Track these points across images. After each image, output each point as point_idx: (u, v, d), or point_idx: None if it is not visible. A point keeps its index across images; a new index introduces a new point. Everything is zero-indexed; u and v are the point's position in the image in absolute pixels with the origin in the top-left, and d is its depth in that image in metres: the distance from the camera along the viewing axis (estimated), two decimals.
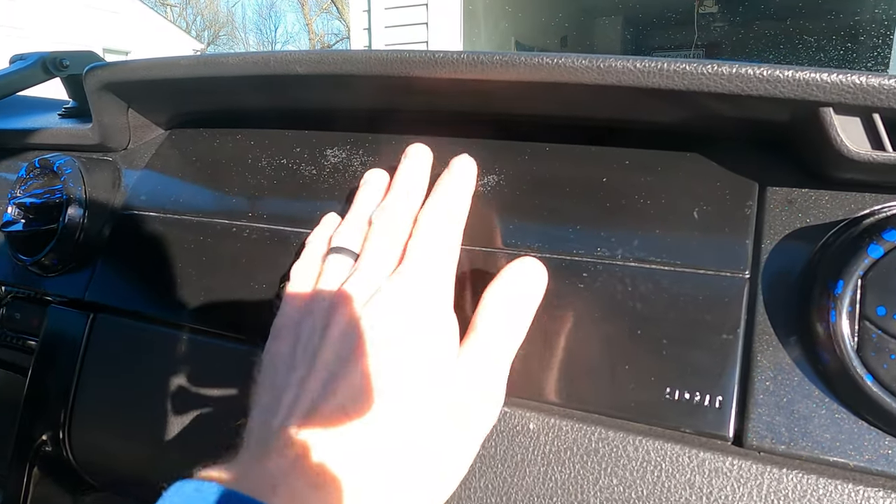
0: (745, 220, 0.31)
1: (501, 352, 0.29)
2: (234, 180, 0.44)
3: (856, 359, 0.25)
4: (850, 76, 0.26)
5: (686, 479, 0.27)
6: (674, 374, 0.29)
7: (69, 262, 0.48)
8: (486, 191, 0.37)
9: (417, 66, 0.33)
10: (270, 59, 0.37)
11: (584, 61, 0.30)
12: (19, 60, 0.58)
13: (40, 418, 0.46)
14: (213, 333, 0.41)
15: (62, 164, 0.48)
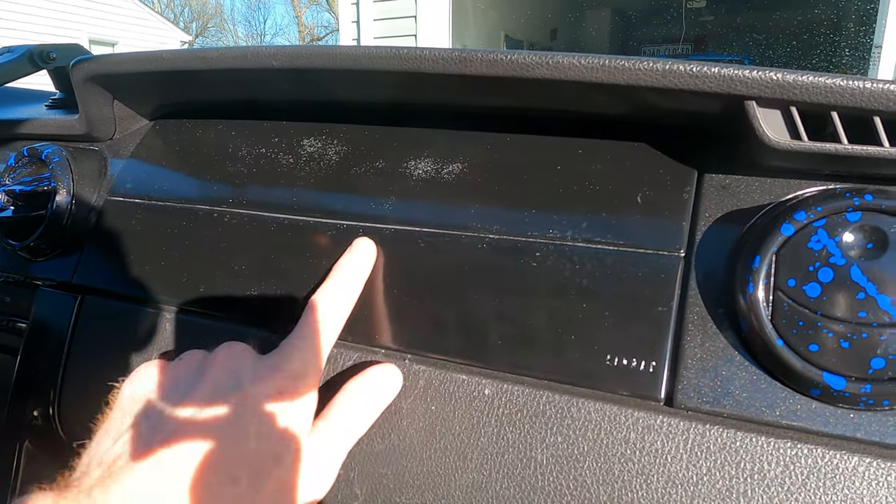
0: (683, 204, 0.34)
1: (348, 439, 0.33)
2: (216, 169, 0.47)
3: (769, 325, 0.28)
4: (770, 73, 0.29)
5: (622, 436, 0.30)
6: (614, 343, 0.32)
7: (57, 246, 0.50)
8: (451, 178, 0.39)
9: (381, 61, 0.36)
10: (248, 54, 0.39)
11: (534, 58, 0.32)
12: (7, 53, 0.59)
13: (31, 396, 0.48)
14: (195, 313, 0.43)
15: (50, 153, 0.50)
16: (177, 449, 0.27)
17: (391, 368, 0.35)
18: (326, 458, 0.32)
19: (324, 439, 0.32)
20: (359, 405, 0.34)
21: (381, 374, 0.34)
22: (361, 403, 0.34)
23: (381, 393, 0.34)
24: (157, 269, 0.45)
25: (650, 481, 0.30)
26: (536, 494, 0.31)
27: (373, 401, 0.34)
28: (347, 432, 0.33)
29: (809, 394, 0.28)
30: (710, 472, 0.29)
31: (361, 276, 0.37)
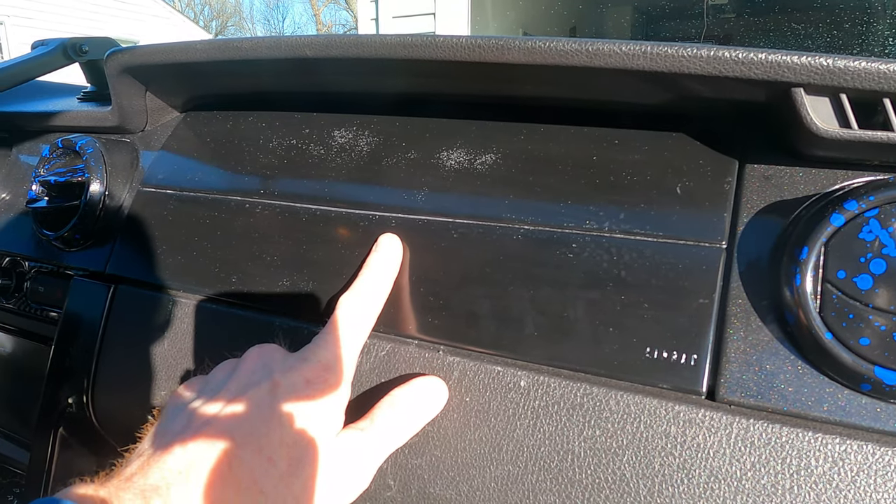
0: (724, 194, 0.33)
1: (386, 443, 0.32)
2: (247, 160, 0.47)
3: (818, 318, 0.27)
4: (819, 58, 0.28)
5: (662, 430, 0.30)
6: (654, 336, 0.31)
7: (90, 237, 0.51)
8: (484, 168, 0.39)
9: (420, 49, 0.35)
10: (282, 43, 0.39)
11: (573, 45, 0.32)
12: (41, 46, 0.60)
13: (65, 384, 0.49)
14: (226, 302, 0.43)
15: (84, 145, 0.51)
16: (214, 432, 0.28)
17: (439, 384, 0.34)
18: (365, 456, 0.31)
19: (364, 438, 0.32)
20: (403, 415, 0.33)
21: (430, 387, 0.34)
22: (406, 414, 0.33)
23: (426, 407, 0.34)
24: (189, 260, 0.45)
25: (692, 476, 0.29)
26: (573, 487, 0.31)
27: (418, 414, 0.33)
28: (388, 438, 0.33)
29: (860, 389, 0.27)
30: (755, 467, 0.28)
31: (391, 274, 0.37)
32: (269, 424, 0.29)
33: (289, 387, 0.31)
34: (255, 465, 0.28)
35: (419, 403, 0.34)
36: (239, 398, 0.30)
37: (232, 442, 0.28)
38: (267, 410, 0.29)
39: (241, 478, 0.27)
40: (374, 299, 0.36)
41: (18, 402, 0.59)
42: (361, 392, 0.37)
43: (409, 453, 0.35)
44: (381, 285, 0.36)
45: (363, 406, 0.34)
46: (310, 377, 0.31)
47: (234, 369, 0.33)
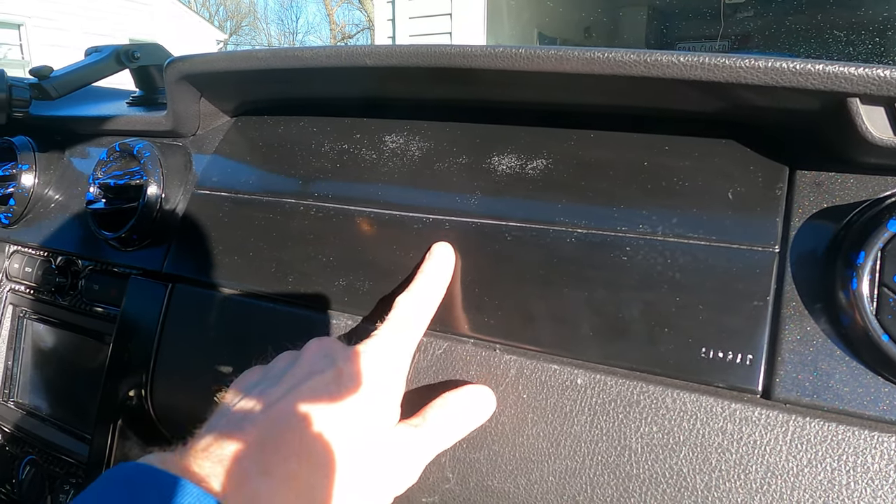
0: (775, 200, 0.34)
1: (436, 442, 0.33)
2: (299, 163, 0.49)
3: (874, 321, 0.29)
4: (876, 70, 0.29)
5: (719, 427, 0.31)
6: (709, 336, 0.32)
7: (147, 237, 0.53)
8: (536, 173, 0.40)
9: (479, 59, 0.37)
10: (342, 53, 0.41)
11: (631, 56, 0.33)
12: (95, 53, 0.62)
13: (125, 378, 0.51)
14: (282, 301, 0.45)
15: (141, 148, 0.53)
16: (285, 412, 0.30)
17: (488, 393, 0.35)
18: (417, 451, 0.33)
19: (417, 434, 0.33)
20: (454, 417, 0.34)
21: (480, 394, 0.35)
22: (457, 417, 0.34)
23: (476, 413, 0.35)
24: (245, 260, 0.47)
25: (748, 471, 0.30)
26: (631, 482, 0.32)
27: (468, 418, 0.35)
28: (438, 437, 0.34)
29: None
30: (811, 464, 0.29)
31: (444, 279, 0.39)
32: (334, 408, 0.31)
33: (351, 375, 0.32)
34: (322, 445, 0.29)
35: (470, 408, 0.35)
36: (304, 383, 0.32)
37: (302, 422, 0.30)
38: (333, 395, 0.31)
39: (310, 454, 0.29)
40: (429, 302, 0.37)
41: (73, 396, 0.61)
42: (417, 388, 0.39)
43: (467, 448, 0.36)
44: (436, 289, 0.38)
45: (418, 403, 0.35)
46: (370, 368, 0.33)
47: (296, 358, 0.34)
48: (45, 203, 0.64)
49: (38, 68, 0.59)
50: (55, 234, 0.61)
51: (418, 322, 0.36)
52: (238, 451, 0.28)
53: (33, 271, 0.62)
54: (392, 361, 0.34)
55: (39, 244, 0.63)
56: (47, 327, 0.63)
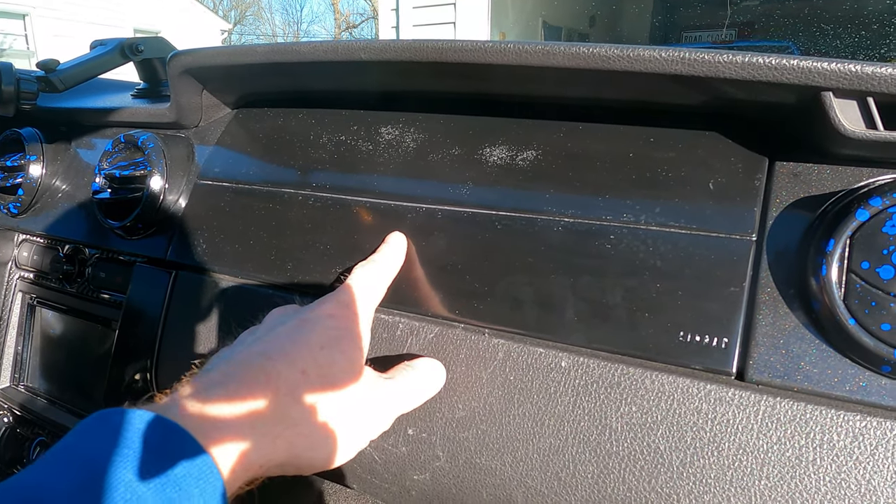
0: (754, 190, 0.35)
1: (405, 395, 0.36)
2: (298, 154, 0.50)
3: (842, 305, 0.30)
4: (848, 65, 0.30)
5: (694, 407, 0.33)
6: (687, 321, 0.34)
7: (151, 226, 0.55)
8: (526, 164, 0.42)
9: (469, 54, 0.38)
10: (338, 47, 0.42)
11: (615, 51, 0.34)
12: (100, 46, 0.64)
13: (131, 362, 0.53)
14: (281, 287, 0.47)
15: (145, 140, 0.55)
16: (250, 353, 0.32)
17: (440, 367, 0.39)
18: (386, 398, 0.35)
19: (386, 384, 0.35)
20: (420, 378, 0.37)
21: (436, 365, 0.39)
22: (423, 378, 0.37)
23: (434, 379, 0.38)
24: (245, 248, 0.49)
25: (721, 449, 0.32)
26: (611, 459, 0.34)
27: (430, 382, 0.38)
28: (407, 393, 0.36)
29: (880, 371, 0.30)
30: (781, 441, 0.31)
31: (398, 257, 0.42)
32: (299, 344, 0.33)
33: (315, 319, 0.34)
34: (289, 376, 0.31)
35: (431, 374, 0.38)
36: (269, 333, 0.34)
37: (266, 358, 0.32)
38: (296, 334, 0.33)
39: (277, 386, 0.31)
40: (384, 272, 0.40)
41: (81, 380, 0.63)
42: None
43: (456, 427, 0.38)
44: (391, 264, 0.41)
45: None
46: (332, 312, 0.35)
47: (259, 325, 0.37)
48: (52, 193, 0.66)
49: (44, 61, 0.61)
50: (62, 223, 0.63)
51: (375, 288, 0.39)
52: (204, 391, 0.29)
53: (42, 259, 0.64)
54: (352, 307, 0.36)
55: (47, 233, 0.65)
56: (56, 314, 0.65)
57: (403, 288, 0.42)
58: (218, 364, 0.32)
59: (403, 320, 0.41)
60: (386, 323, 0.42)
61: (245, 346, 0.34)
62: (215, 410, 0.28)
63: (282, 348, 0.32)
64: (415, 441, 0.39)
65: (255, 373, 0.31)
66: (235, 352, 0.33)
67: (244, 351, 0.33)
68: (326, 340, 0.33)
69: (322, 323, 0.34)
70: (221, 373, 0.31)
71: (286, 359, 0.32)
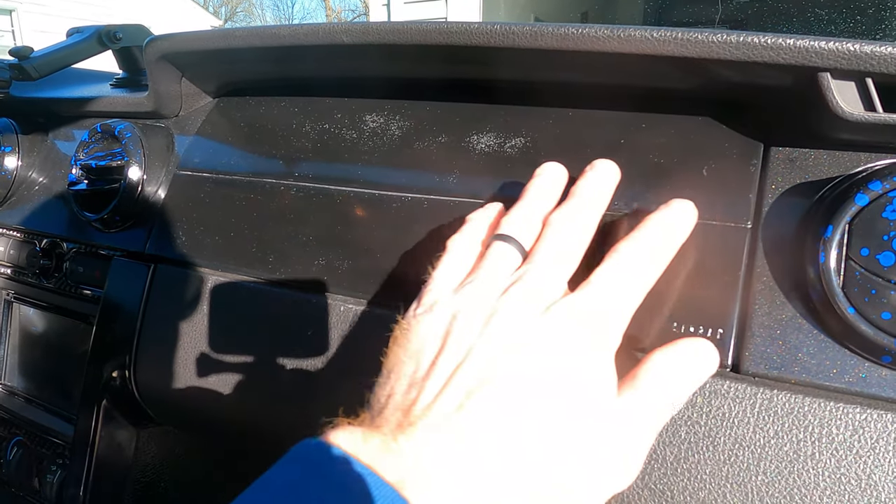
0: (749, 176, 0.34)
1: (657, 421, 0.26)
2: (281, 143, 0.49)
3: (840, 294, 0.29)
4: (846, 44, 0.29)
5: (689, 401, 0.31)
6: (681, 311, 0.33)
7: (129, 218, 0.53)
8: (514, 152, 0.40)
9: (453, 36, 0.37)
10: (319, 30, 0.40)
11: (605, 31, 0.33)
12: (76, 34, 0.62)
13: (109, 359, 0.51)
14: (263, 280, 0.45)
15: (122, 129, 0.53)
16: (475, 406, 0.24)
17: (707, 344, 0.28)
18: (634, 438, 0.26)
19: (632, 416, 0.26)
20: (669, 380, 0.27)
21: (696, 348, 0.28)
22: (673, 379, 0.27)
23: (695, 370, 0.28)
24: (226, 240, 0.47)
25: (717, 443, 0.31)
26: None
27: (686, 378, 0.27)
28: (658, 412, 0.26)
29: (880, 361, 0.29)
30: (778, 435, 0.30)
31: None
32: (539, 394, 0.24)
33: (549, 354, 0.25)
34: (527, 445, 0.24)
35: (690, 376, 0.27)
36: (496, 362, 0.25)
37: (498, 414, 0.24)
38: (528, 382, 0.25)
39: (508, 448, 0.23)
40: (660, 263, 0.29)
41: (59, 378, 0.61)
42: None
43: None
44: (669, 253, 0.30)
45: None
46: (577, 338, 0.26)
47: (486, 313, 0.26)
48: (28, 185, 0.64)
49: (17, 48, 0.59)
50: (39, 217, 0.61)
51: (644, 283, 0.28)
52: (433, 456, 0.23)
53: (18, 254, 0.62)
54: (605, 318, 0.27)
55: (24, 226, 0.63)
56: (33, 310, 0.64)
57: (390, 279, 0.40)
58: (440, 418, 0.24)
59: (388, 313, 0.40)
60: (368, 315, 0.40)
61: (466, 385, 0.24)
62: None
63: (513, 405, 0.24)
64: None
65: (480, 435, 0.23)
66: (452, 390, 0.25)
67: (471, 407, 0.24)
68: (567, 385, 0.25)
69: (559, 360, 0.25)
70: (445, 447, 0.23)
71: (518, 419, 0.24)
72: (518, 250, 0.29)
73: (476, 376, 0.25)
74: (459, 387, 0.25)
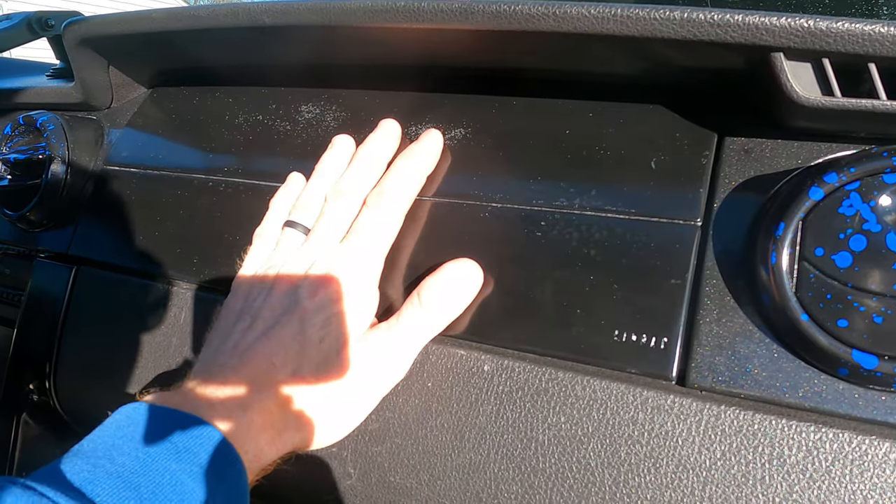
0: (700, 169, 0.31)
1: (415, 337, 0.32)
2: (212, 137, 0.45)
3: (793, 298, 0.26)
4: (800, 20, 0.26)
5: (630, 417, 0.28)
6: (623, 318, 0.29)
7: (53, 217, 0.49)
8: (454, 144, 0.37)
9: (378, 15, 0.33)
10: (238, 11, 0.37)
11: (539, 9, 0.30)
12: (5, 20, 0.58)
13: (27, 369, 0.47)
14: (188, 284, 0.42)
15: (45, 121, 0.49)
16: (253, 356, 0.32)
17: (470, 267, 0.32)
18: (391, 351, 0.32)
19: (389, 336, 0.32)
20: (430, 311, 0.32)
21: (459, 274, 0.32)
22: (433, 310, 0.32)
23: (455, 298, 0.32)
24: (151, 240, 0.44)
25: (659, 465, 0.27)
26: (537, 476, 0.30)
27: (446, 307, 0.32)
28: (415, 333, 0.32)
29: (837, 374, 0.26)
30: (725, 456, 0.26)
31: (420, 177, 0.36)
32: (300, 344, 0.32)
33: (315, 311, 0.32)
34: (291, 384, 0.31)
35: (447, 295, 0.32)
36: (273, 326, 0.32)
37: (273, 361, 0.31)
38: (298, 335, 0.32)
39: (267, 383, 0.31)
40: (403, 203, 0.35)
41: None
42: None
43: (369, 441, 0.33)
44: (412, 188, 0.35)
45: None
46: (333, 296, 0.33)
47: (268, 293, 0.34)
48: None
49: None
50: None
51: (385, 230, 0.34)
52: (222, 392, 0.30)
53: None
54: (354, 276, 0.33)
55: None
56: None
57: None
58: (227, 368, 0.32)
59: None
60: None
61: (249, 344, 0.32)
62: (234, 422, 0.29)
63: (280, 355, 0.32)
64: (324, 456, 0.35)
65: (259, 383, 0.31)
66: (240, 347, 0.32)
67: (249, 354, 0.32)
68: (327, 334, 0.32)
69: (324, 313, 0.32)
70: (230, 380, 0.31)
71: (289, 367, 0.31)
72: (303, 232, 0.36)
73: (254, 337, 0.32)
74: (243, 345, 0.32)
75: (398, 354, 0.32)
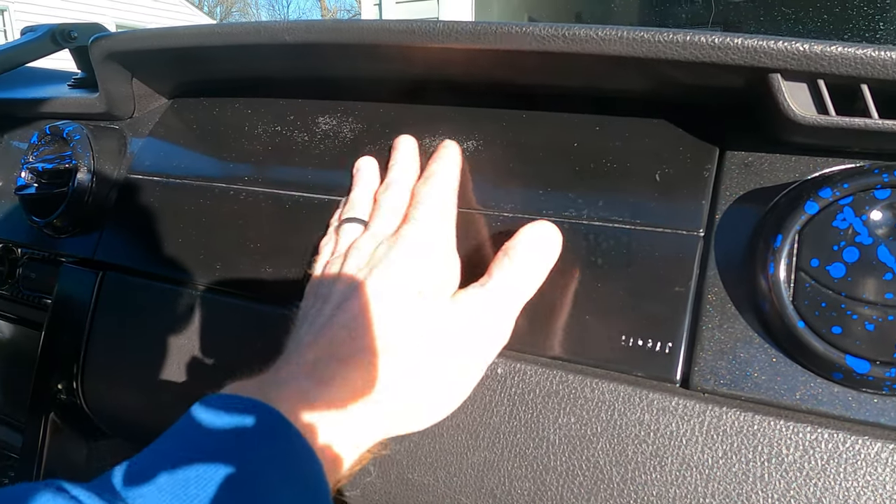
0: (703, 182, 0.33)
1: (510, 296, 0.32)
2: (232, 147, 0.47)
3: (790, 306, 0.27)
4: (796, 43, 0.28)
5: (636, 417, 0.30)
6: (629, 324, 0.31)
7: (79, 223, 0.51)
8: (466, 156, 0.39)
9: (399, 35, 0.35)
10: (261, 29, 0.39)
11: (549, 30, 0.31)
12: (30, 32, 0.60)
13: (55, 370, 0.49)
14: (211, 289, 0.43)
15: (71, 131, 0.51)
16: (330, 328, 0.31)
17: (549, 228, 0.33)
18: (490, 309, 0.31)
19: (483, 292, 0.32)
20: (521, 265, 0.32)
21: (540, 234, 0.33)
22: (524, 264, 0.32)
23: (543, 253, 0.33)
24: (173, 246, 0.46)
25: (664, 463, 0.29)
26: (548, 474, 0.31)
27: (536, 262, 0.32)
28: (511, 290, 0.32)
29: (831, 377, 0.27)
30: (727, 455, 0.28)
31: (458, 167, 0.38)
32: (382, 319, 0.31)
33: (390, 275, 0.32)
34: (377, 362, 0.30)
35: (534, 252, 0.32)
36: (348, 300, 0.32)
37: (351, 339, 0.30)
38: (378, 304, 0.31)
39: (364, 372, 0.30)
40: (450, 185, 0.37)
41: (14, 388, 0.59)
42: None
43: (388, 441, 0.35)
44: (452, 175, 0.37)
45: None
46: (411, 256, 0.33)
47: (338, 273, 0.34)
48: None
49: None
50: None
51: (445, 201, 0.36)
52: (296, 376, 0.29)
53: None
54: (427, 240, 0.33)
55: None
56: None
57: None
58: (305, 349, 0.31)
59: None
60: None
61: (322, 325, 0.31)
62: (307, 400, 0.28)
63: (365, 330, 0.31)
64: None
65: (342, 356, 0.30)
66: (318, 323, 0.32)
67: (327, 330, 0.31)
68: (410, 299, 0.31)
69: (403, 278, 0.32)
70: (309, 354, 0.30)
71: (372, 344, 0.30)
72: (360, 224, 0.37)
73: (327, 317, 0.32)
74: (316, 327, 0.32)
75: (495, 313, 0.31)
